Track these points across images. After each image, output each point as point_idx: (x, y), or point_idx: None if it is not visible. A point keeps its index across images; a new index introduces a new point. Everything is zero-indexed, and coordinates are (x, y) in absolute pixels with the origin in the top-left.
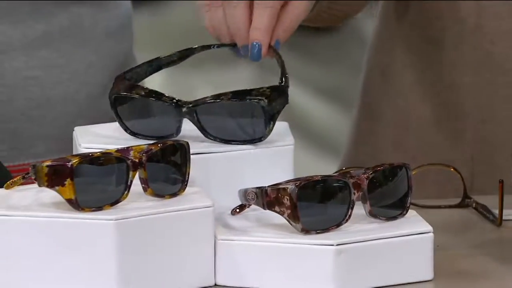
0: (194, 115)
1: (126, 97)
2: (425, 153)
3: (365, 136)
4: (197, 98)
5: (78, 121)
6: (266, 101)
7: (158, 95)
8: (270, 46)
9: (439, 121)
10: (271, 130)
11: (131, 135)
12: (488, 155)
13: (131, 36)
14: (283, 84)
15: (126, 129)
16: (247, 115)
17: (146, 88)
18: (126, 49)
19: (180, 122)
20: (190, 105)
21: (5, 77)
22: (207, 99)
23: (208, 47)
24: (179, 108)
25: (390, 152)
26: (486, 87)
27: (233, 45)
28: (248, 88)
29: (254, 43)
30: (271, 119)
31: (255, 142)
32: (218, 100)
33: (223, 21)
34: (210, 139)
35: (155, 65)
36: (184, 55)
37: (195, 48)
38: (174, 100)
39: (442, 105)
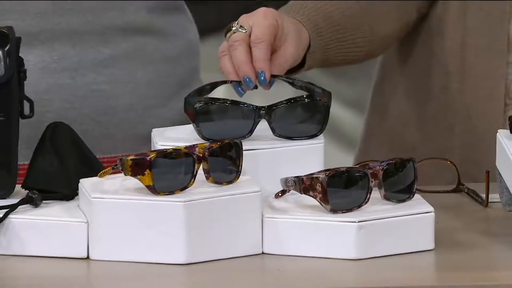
0: (271, 115)
1: (212, 105)
2: (423, 144)
3: (375, 130)
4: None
5: (138, 126)
6: (328, 100)
7: (240, 102)
8: (275, 76)
9: (435, 118)
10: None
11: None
12: (473, 145)
13: (190, 62)
14: (327, 90)
15: (203, 136)
16: (313, 113)
17: (227, 98)
18: (182, 72)
19: (257, 124)
20: (268, 108)
21: (76, 89)
22: (283, 102)
23: (225, 82)
24: (258, 110)
25: (395, 144)
26: (471, 90)
27: (239, 81)
28: (310, 93)
29: (260, 72)
30: (327, 116)
31: (314, 137)
32: (291, 102)
33: (229, 63)
34: (279, 137)
35: (200, 89)
36: (212, 85)
37: (217, 81)
38: (254, 105)
39: (436, 105)
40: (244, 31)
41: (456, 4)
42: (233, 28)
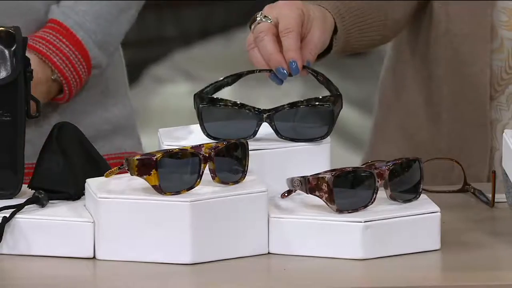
0: (273, 119)
1: (215, 106)
2: (418, 133)
3: (382, 122)
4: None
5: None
6: (332, 106)
7: (243, 105)
8: (304, 66)
9: (426, 106)
10: (332, 130)
11: (213, 138)
12: (459, 131)
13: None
14: (339, 93)
15: (208, 134)
16: (316, 118)
17: (230, 100)
18: (105, 81)
19: (259, 126)
20: (271, 112)
21: None
22: (285, 106)
23: (252, 71)
24: (261, 114)
25: (396, 132)
26: (456, 78)
27: (269, 70)
28: (317, 97)
29: (291, 61)
30: (333, 120)
31: (320, 140)
32: (294, 107)
33: (259, 54)
34: (285, 139)
35: (218, 85)
36: (236, 77)
37: (242, 72)
38: (256, 108)
39: (425, 93)
40: (269, 21)
41: None
42: (258, 19)
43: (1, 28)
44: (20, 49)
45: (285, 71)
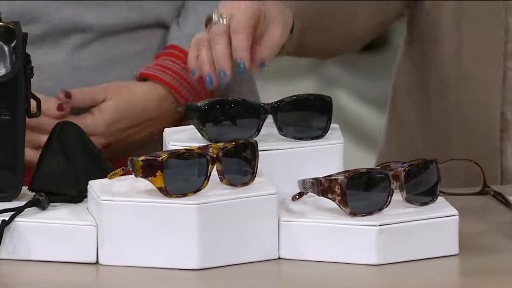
0: (277, 112)
1: (216, 105)
2: (428, 152)
3: (393, 139)
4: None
5: None
6: (330, 100)
7: (244, 100)
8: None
9: (438, 125)
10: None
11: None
12: (471, 151)
13: None
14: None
15: (209, 138)
16: (316, 113)
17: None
18: None
19: (263, 122)
20: (274, 104)
21: None
22: (287, 98)
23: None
24: (264, 107)
25: (409, 152)
26: (467, 94)
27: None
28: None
29: (239, 61)
30: (331, 117)
31: (319, 138)
32: (295, 97)
33: (209, 54)
34: (284, 135)
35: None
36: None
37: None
38: (259, 102)
39: (436, 109)
40: (225, 22)
41: (450, 10)
42: (214, 19)
43: (0, 24)
44: (20, 46)
45: (212, 81)
